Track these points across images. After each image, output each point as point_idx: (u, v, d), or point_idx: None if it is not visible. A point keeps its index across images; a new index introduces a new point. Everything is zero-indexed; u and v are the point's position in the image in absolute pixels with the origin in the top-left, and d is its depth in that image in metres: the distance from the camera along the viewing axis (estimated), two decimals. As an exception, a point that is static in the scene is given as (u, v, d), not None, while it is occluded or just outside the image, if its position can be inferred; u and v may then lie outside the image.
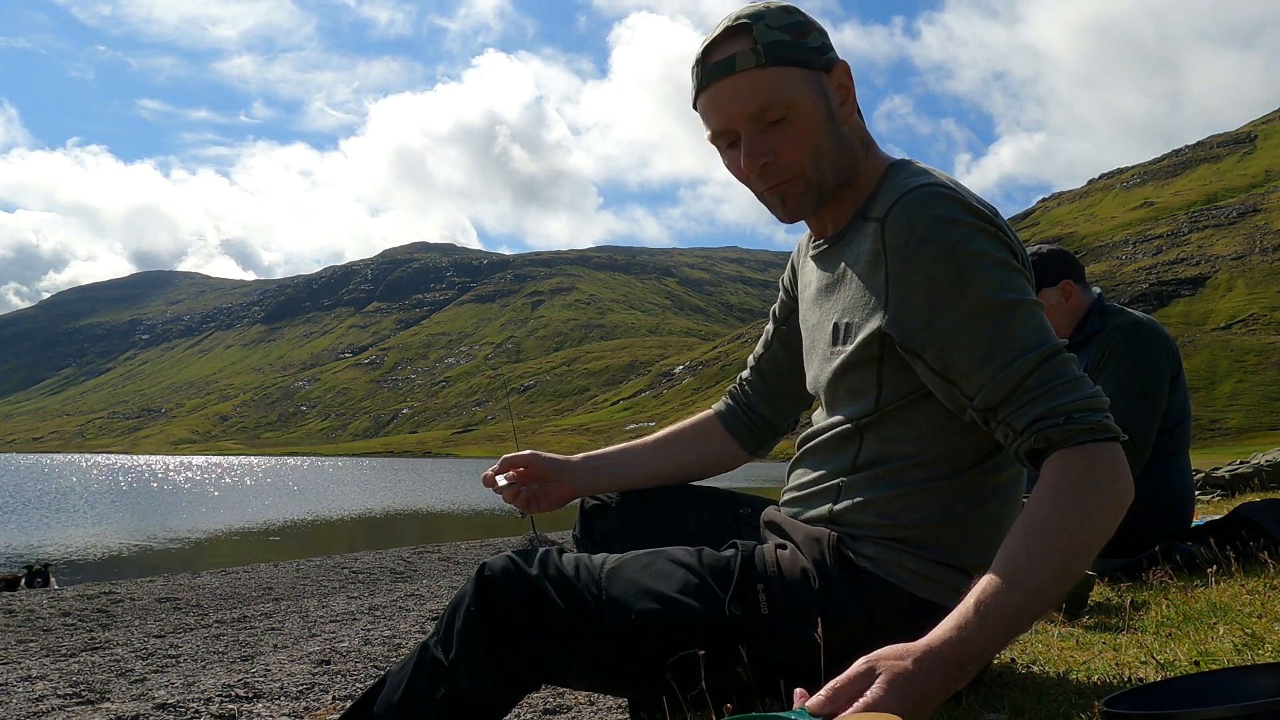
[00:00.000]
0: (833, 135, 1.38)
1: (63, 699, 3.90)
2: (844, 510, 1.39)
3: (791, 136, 1.35)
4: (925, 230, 1.27)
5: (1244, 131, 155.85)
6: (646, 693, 1.37)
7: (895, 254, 1.29)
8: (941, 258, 1.26)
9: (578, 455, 1.81)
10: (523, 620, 1.33)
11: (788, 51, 1.34)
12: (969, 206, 1.29)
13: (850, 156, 1.41)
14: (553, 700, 2.43)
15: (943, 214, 1.27)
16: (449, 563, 11.23)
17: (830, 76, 1.38)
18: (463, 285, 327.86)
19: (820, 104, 1.36)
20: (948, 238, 1.26)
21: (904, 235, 1.28)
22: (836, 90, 1.39)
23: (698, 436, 1.81)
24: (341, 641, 4.95)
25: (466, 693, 1.32)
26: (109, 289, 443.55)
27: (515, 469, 1.75)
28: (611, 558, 1.41)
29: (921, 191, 1.29)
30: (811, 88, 1.36)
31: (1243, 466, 7.30)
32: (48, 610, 7.79)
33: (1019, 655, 1.77)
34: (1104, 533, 1.19)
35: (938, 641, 1.10)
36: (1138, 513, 2.85)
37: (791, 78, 1.34)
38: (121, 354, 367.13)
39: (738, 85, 1.34)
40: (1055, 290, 3.04)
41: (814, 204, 1.41)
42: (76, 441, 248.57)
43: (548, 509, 1.77)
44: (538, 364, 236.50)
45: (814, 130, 1.36)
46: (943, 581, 1.34)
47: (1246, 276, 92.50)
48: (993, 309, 1.24)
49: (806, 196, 1.40)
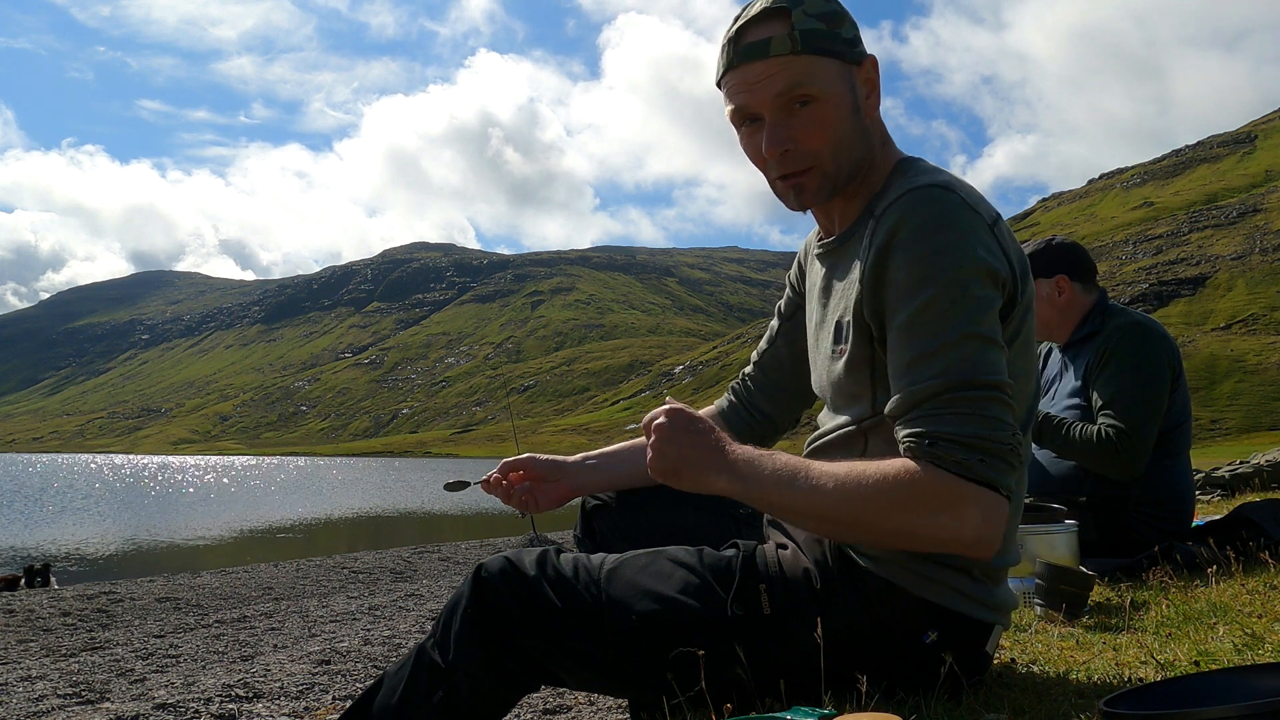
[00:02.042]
0: (855, 128, 1.38)
1: (63, 699, 3.90)
2: None
3: (815, 125, 1.35)
4: (910, 231, 1.27)
5: (1244, 131, 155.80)
6: (646, 693, 1.37)
7: (878, 250, 1.31)
8: (913, 262, 1.26)
9: (575, 455, 1.81)
10: (520, 621, 1.33)
11: (823, 41, 1.34)
12: (965, 212, 1.28)
13: (869, 151, 1.41)
14: (553, 700, 2.43)
15: (933, 218, 1.27)
16: (449, 563, 11.23)
17: (860, 70, 1.39)
18: (463, 285, 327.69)
19: (847, 96, 1.37)
20: (927, 245, 1.26)
21: (890, 232, 1.29)
22: (863, 84, 1.40)
23: None
24: (341, 641, 4.95)
25: (464, 695, 1.32)
26: (109, 289, 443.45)
27: (514, 472, 1.75)
28: (611, 558, 1.41)
29: (922, 192, 1.29)
30: (841, 80, 1.36)
31: (1243, 466, 7.31)
32: (48, 610, 7.78)
33: (1019, 655, 1.77)
34: (873, 531, 1.26)
35: (734, 451, 1.33)
36: (1138, 513, 2.85)
37: (823, 68, 1.34)
38: (121, 354, 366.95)
39: (770, 69, 1.33)
40: (1049, 283, 3.03)
41: (827, 195, 1.41)
42: (76, 441, 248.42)
43: (546, 509, 1.77)
44: (538, 364, 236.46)
45: (838, 122, 1.36)
46: (943, 582, 1.34)
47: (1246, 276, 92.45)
48: (932, 327, 1.24)
49: (822, 188, 1.40)
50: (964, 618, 1.36)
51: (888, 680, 1.35)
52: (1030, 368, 1.39)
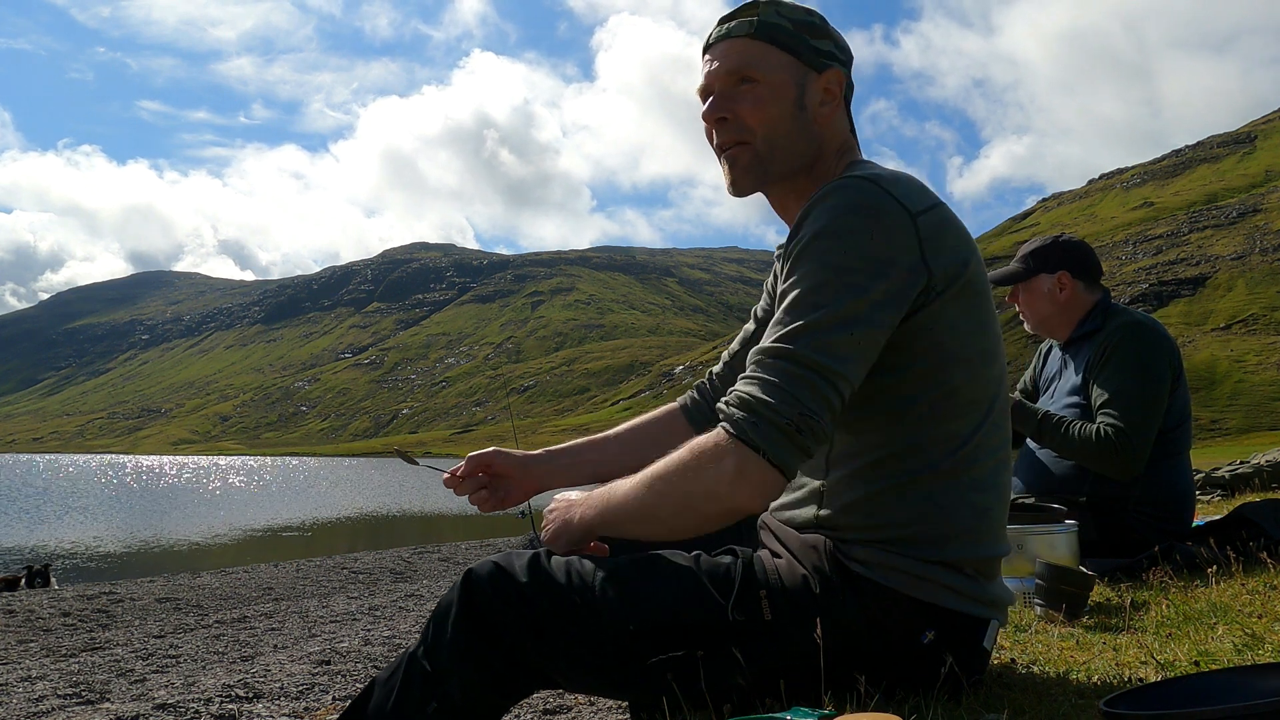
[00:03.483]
0: (796, 123, 1.45)
1: (63, 699, 3.90)
2: (830, 515, 1.40)
3: (752, 103, 1.44)
4: (818, 216, 1.32)
5: (1244, 131, 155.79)
6: (644, 695, 1.36)
7: (789, 241, 1.37)
8: (802, 247, 1.32)
9: (540, 450, 1.76)
10: (513, 626, 1.32)
11: (781, 35, 1.45)
12: (879, 201, 1.31)
13: (811, 152, 1.47)
14: (553, 701, 2.43)
15: (835, 206, 1.31)
16: (449, 563, 11.23)
17: (820, 76, 1.46)
18: (463, 285, 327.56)
19: (792, 89, 1.44)
20: (824, 228, 1.30)
21: (799, 222, 1.35)
22: (820, 90, 1.46)
23: (661, 430, 1.78)
24: (341, 642, 4.95)
25: (458, 704, 1.31)
26: (109, 289, 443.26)
27: (482, 468, 1.69)
28: (606, 560, 1.41)
29: (839, 183, 1.34)
30: (789, 72, 1.45)
31: (1243, 466, 7.31)
32: (48, 610, 7.78)
33: (1019, 655, 1.77)
34: (671, 483, 1.31)
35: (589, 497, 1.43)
36: (1138, 513, 2.85)
37: (774, 57, 1.44)
38: (121, 354, 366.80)
39: (727, 50, 1.47)
40: (1051, 278, 3.03)
41: (757, 179, 1.49)
42: (77, 441, 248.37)
43: (509, 506, 1.75)
44: (538, 364, 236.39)
45: (776, 106, 1.44)
46: (935, 580, 1.34)
47: (1246, 276, 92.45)
48: (795, 306, 1.30)
49: (752, 168, 1.47)
50: (959, 615, 1.36)
51: (887, 680, 1.35)
52: (988, 349, 1.39)
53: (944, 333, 1.34)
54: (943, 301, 1.33)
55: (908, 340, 1.33)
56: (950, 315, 1.34)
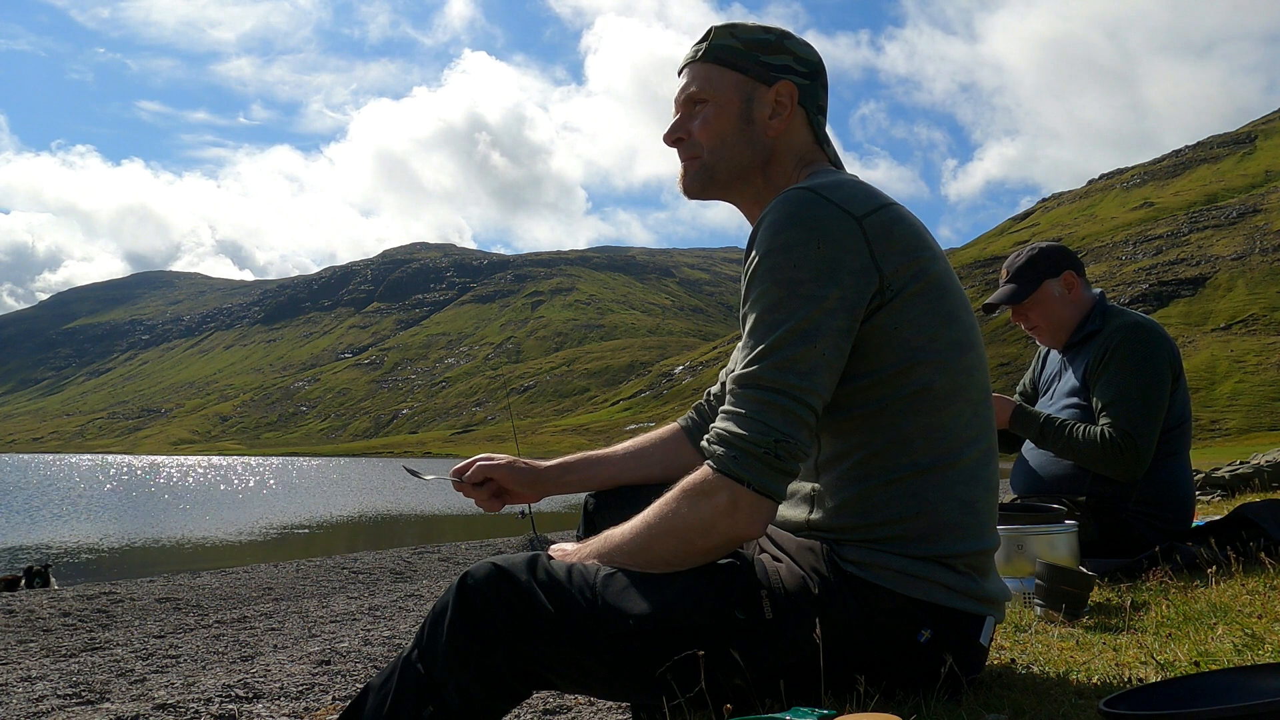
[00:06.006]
0: (741, 134, 1.52)
1: (63, 699, 3.90)
2: (822, 517, 1.40)
3: (702, 123, 1.54)
4: (759, 235, 1.37)
5: (1244, 132, 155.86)
6: (644, 696, 1.36)
7: (746, 254, 1.41)
8: (754, 265, 1.36)
9: (552, 461, 1.83)
10: (511, 628, 1.32)
11: (729, 56, 1.52)
12: (820, 209, 1.33)
13: (757, 159, 1.53)
14: (552, 701, 2.43)
15: (778, 219, 1.35)
16: (449, 563, 11.24)
17: (769, 89, 1.51)
18: (463, 285, 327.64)
19: (736, 104, 1.52)
20: (769, 247, 1.34)
21: (751, 236, 1.40)
22: (770, 103, 1.51)
23: (667, 449, 1.83)
24: (342, 642, 4.95)
25: (456, 709, 1.31)
26: (108, 289, 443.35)
27: (490, 479, 1.78)
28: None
29: (783, 196, 1.37)
30: (736, 90, 1.52)
31: (1243, 466, 7.31)
32: (48, 610, 7.79)
33: (1019, 655, 1.77)
34: (667, 518, 1.34)
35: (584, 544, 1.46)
36: (1138, 513, 2.85)
37: (721, 77, 1.52)
38: (121, 354, 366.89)
39: (686, 74, 1.58)
40: (1057, 281, 3.03)
41: (704, 184, 1.57)
42: (76, 441, 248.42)
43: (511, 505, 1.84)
44: (538, 364, 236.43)
45: (722, 123, 1.52)
46: (928, 578, 1.35)
47: (1246, 277, 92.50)
48: (755, 329, 1.34)
49: (699, 175, 1.56)
50: (955, 612, 1.36)
51: (887, 680, 1.36)
52: (958, 340, 1.39)
53: (909, 330, 1.35)
54: (902, 300, 1.35)
55: (873, 342, 1.35)
56: (913, 312, 1.35)
